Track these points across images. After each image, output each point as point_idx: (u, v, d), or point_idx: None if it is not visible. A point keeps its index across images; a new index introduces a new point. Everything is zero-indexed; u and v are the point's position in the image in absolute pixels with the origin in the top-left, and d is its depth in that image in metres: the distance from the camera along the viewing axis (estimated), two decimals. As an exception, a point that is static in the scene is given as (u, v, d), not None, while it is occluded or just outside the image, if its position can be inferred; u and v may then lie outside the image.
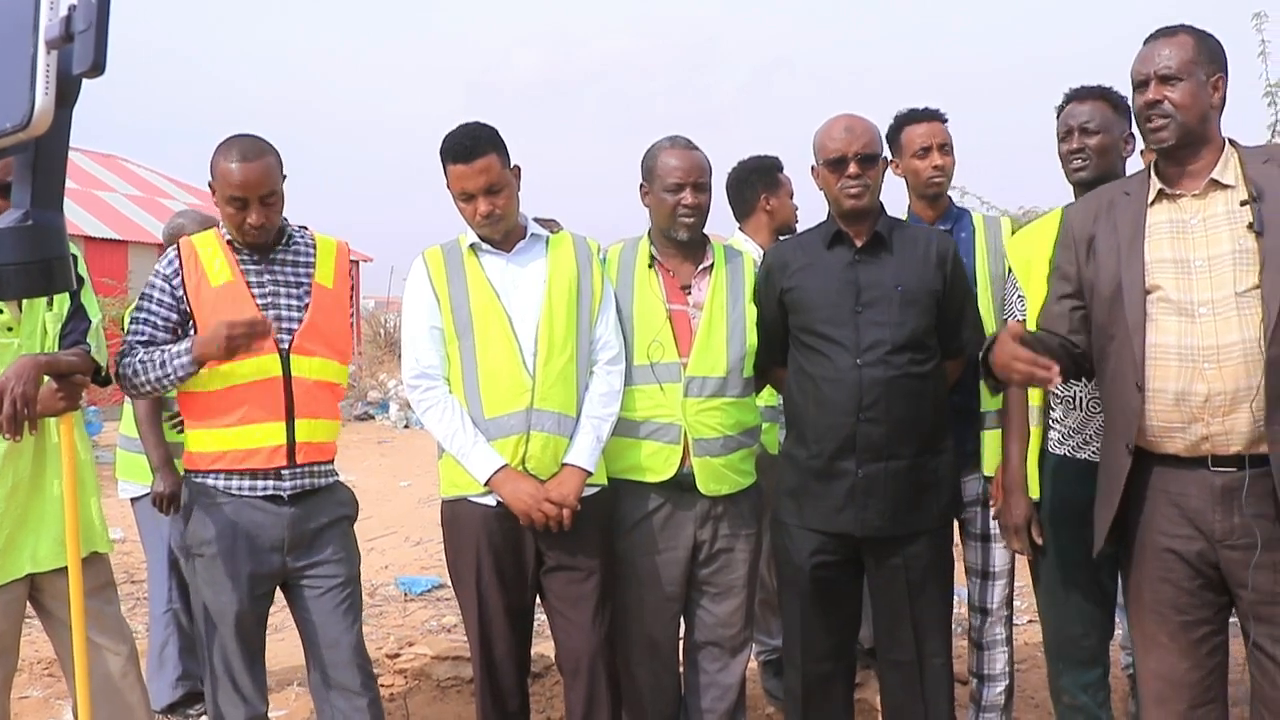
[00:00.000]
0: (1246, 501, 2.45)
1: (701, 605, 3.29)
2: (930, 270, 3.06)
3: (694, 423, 3.11)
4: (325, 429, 3.08)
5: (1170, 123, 2.50)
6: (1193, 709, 2.62)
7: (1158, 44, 2.55)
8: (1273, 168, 2.48)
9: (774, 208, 4.19)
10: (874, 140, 3.09)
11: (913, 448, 3.00)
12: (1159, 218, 2.57)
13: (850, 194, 3.04)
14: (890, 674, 3.20)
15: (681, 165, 3.16)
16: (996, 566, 3.43)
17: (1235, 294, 2.42)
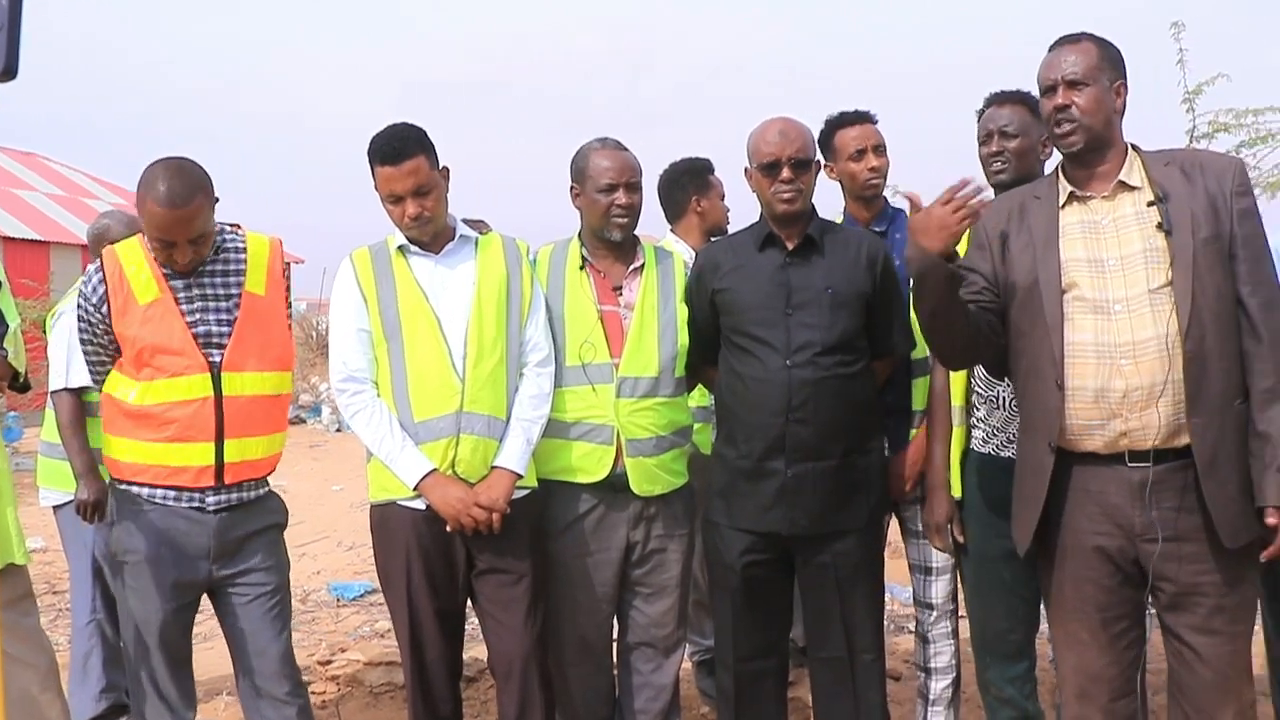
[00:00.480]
0: (1163, 495, 2.51)
1: (634, 606, 3.29)
2: (861, 273, 3.08)
3: (626, 423, 3.11)
4: (262, 445, 3.00)
5: (1078, 127, 2.56)
6: (1113, 702, 2.68)
7: (1063, 50, 2.61)
8: (1174, 170, 2.56)
9: (705, 209, 4.20)
10: (807, 145, 3.11)
11: (841, 448, 3.02)
12: (1071, 219, 2.62)
13: (783, 198, 3.06)
14: (821, 672, 3.22)
15: (614, 166, 3.16)
16: (937, 563, 3.46)
17: (1148, 291, 2.49)
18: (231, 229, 3.07)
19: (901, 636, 5.04)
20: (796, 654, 3.98)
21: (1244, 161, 2.66)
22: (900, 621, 5.25)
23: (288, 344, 3.11)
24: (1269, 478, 2.44)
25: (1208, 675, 2.56)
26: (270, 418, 3.03)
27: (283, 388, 3.08)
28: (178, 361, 2.87)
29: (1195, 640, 2.56)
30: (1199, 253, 2.46)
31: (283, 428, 3.11)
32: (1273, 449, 2.44)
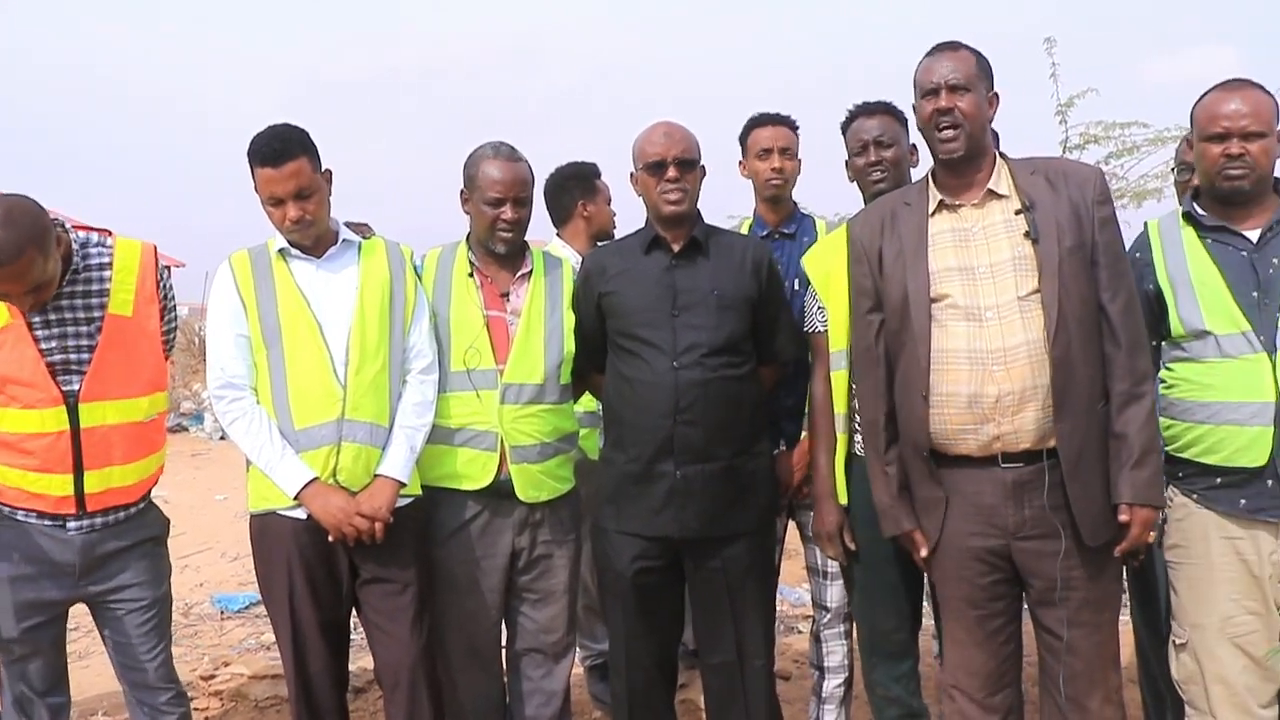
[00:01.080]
0: (1034, 495, 2.59)
1: (522, 612, 3.27)
2: (746, 276, 3.11)
3: (511, 429, 3.09)
4: (131, 472, 2.90)
5: (961, 132, 2.62)
6: (991, 695, 2.77)
7: (943, 56, 2.67)
8: (1039, 178, 2.64)
9: (592, 214, 4.19)
10: (692, 146, 3.13)
11: (730, 449, 3.05)
12: (941, 227, 2.69)
13: (669, 198, 3.07)
14: (712, 676, 3.24)
15: (503, 179, 3.12)
16: (832, 567, 3.49)
17: (1018, 298, 2.57)
18: (100, 235, 2.93)
19: (792, 637, 5.10)
20: (687, 656, 4.01)
21: (1102, 171, 2.77)
22: (790, 622, 5.32)
23: (159, 364, 2.98)
24: (1124, 476, 2.55)
25: (1078, 665, 2.66)
26: (140, 443, 2.92)
27: (155, 409, 2.97)
28: (29, 393, 2.74)
29: (1064, 632, 2.65)
30: (1064, 260, 2.55)
31: (158, 448, 3.01)
32: (1128, 449, 2.55)
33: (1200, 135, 2.75)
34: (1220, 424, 2.65)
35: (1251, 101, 2.70)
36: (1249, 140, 2.68)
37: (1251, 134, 2.68)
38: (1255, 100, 2.71)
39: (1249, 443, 2.62)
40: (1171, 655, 2.86)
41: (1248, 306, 2.65)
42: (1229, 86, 2.76)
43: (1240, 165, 2.69)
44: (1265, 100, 2.73)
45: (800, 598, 5.59)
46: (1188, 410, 2.71)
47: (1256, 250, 2.71)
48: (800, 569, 3.72)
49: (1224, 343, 2.66)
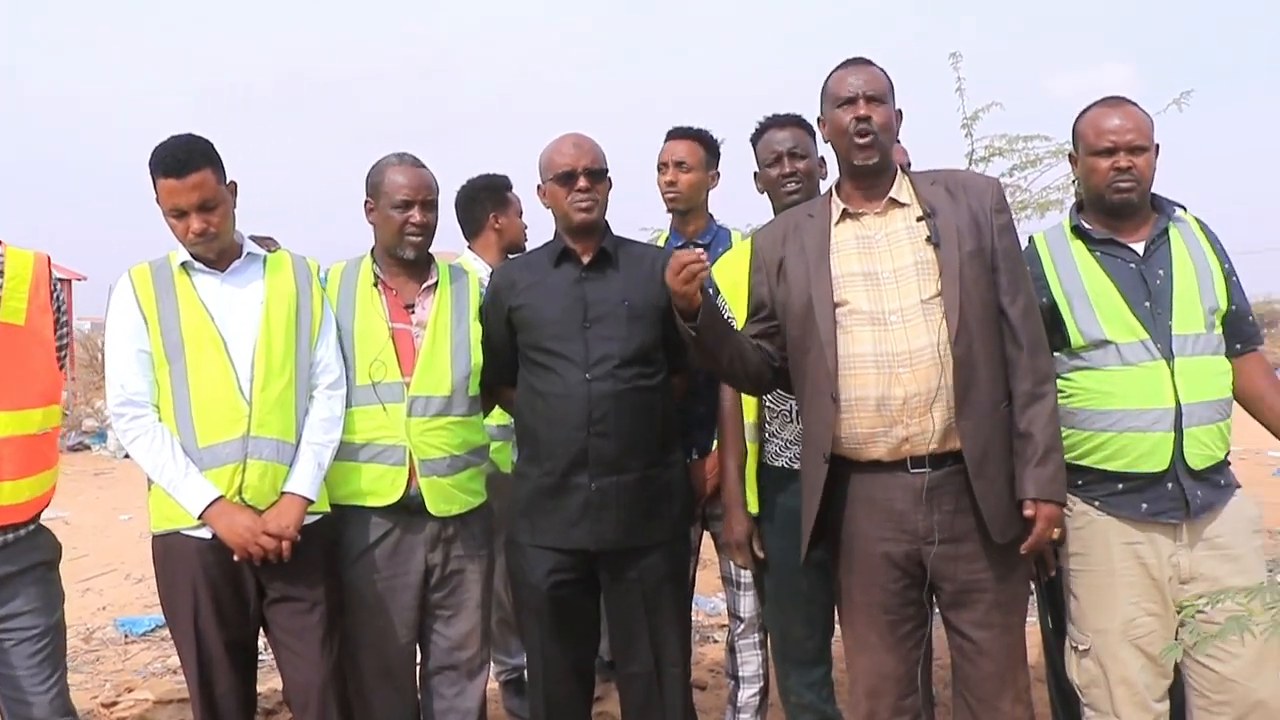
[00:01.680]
0: (942, 499, 2.64)
1: (435, 629, 3.23)
2: (656, 287, 3.11)
3: (419, 443, 3.05)
4: (21, 489, 2.78)
5: (876, 140, 2.68)
6: (901, 699, 2.80)
7: (858, 68, 2.73)
8: (939, 188, 2.71)
9: (503, 226, 4.18)
10: (601, 157, 3.14)
11: (644, 460, 3.05)
12: (845, 235, 2.74)
13: (580, 207, 3.07)
14: (628, 687, 3.24)
15: (409, 183, 3.11)
16: (746, 577, 3.51)
17: (921, 301, 2.62)
18: None
19: (708, 646, 5.12)
20: (604, 668, 4.00)
21: (999, 181, 2.85)
22: (706, 631, 5.34)
23: (54, 377, 2.89)
24: (1028, 473, 2.60)
25: (989, 667, 2.71)
26: (31, 458, 2.81)
27: (49, 422, 2.87)
28: None
29: (975, 634, 2.70)
30: (965, 265, 2.61)
31: (51, 465, 2.90)
32: (1032, 446, 2.60)
33: (1088, 150, 2.84)
34: (1123, 431, 2.72)
35: (1134, 118, 2.81)
36: (1135, 154, 2.78)
37: (1136, 148, 2.78)
38: (1136, 116, 2.82)
39: (1151, 448, 2.70)
40: (1071, 660, 2.91)
41: (1143, 316, 2.74)
42: (1110, 103, 2.86)
43: (1129, 178, 2.78)
44: (1144, 117, 2.84)
45: (716, 607, 5.61)
46: (1089, 419, 2.78)
47: (1144, 262, 2.80)
48: (716, 579, 3.74)
49: (1125, 351, 2.73)
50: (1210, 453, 2.73)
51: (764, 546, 3.17)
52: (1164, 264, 2.80)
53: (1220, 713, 2.74)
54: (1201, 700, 2.77)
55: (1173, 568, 2.74)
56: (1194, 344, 2.74)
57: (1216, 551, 2.75)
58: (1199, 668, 2.74)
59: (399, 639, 3.17)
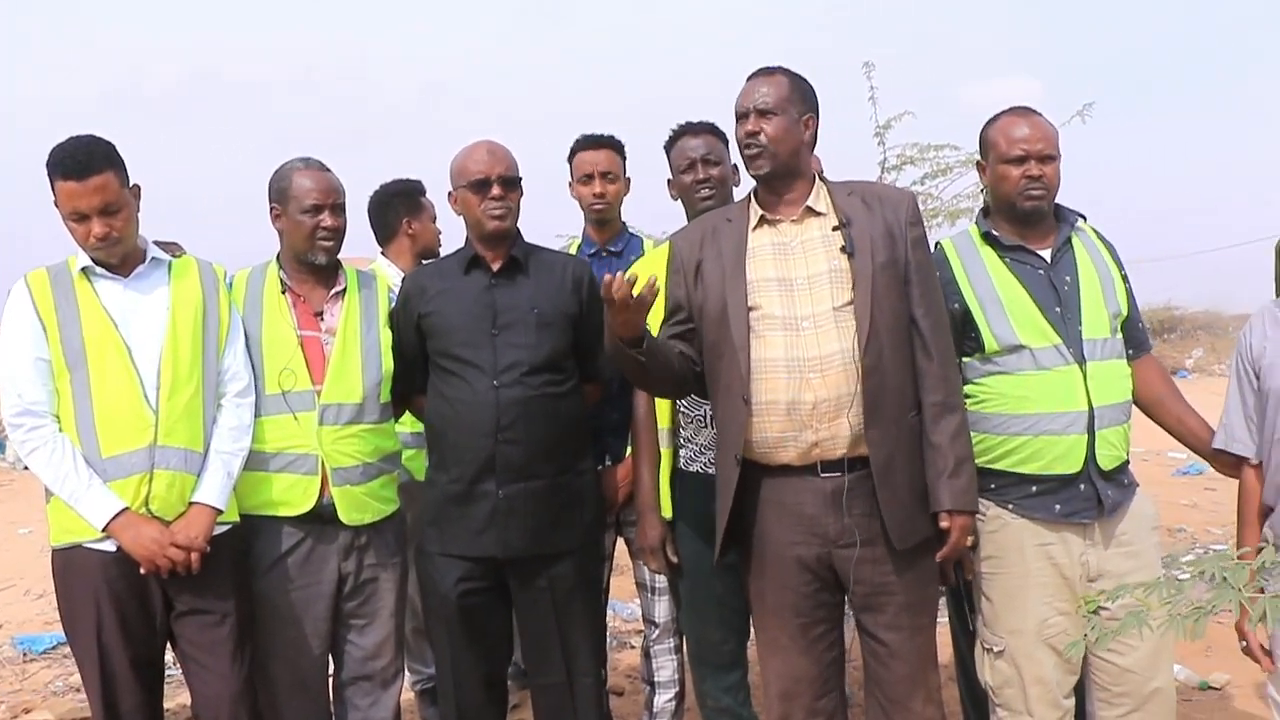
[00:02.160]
0: (854, 502, 2.67)
1: (349, 639, 3.18)
2: (566, 294, 3.13)
3: (331, 451, 3.01)
4: None
5: (764, 152, 2.71)
6: (816, 700, 2.83)
7: (758, 81, 2.77)
8: (855, 199, 2.75)
9: (417, 231, 4.14)
10: (514, 164, 3.14)
11: (553, 467, 3.05)
12: (762, 241, 2.76)
13: (493, 214, 3.07)
14: (542, 696, 3.24)
15: (318, 186, 3.07)
16: (660, 582, 3.52)
17: (833, 308, 2.65)
18: None
19: (625, 652, 5.12)
20: (519, 675, 3.97)
21: (915, 194, 2.91)
22: (623, 637, 5.34)
23: None
24: (942, 485, 2.65)
25: (900, 668, 2.75)
26: None
27: None
28: None
29: (886, 636, 2.74)
30: (878, 275, 2.65)
31: None
32: (943, 458, 2.65)
33: (1000, 159, 2.89)
34: (1038, 434, 2.77)
35: (1042, 128, 2.88)
36: (1044, 163, 2.84)
37: (1046, 156, 2.84)
38: (1044, 127, 2.89)
39: (1065, 451, 2.76)
40: (983, 661, 2.95)
41: (1054, 321, 2.80)
42: (1019, 113, 2.92)
43: (1040, 186, 2.84)
44: (1050, 127, 2.91)
45: (633, 613, 5.61)
46: (1003, 423, 2.82)
47: (1052, 268, 2.86)
48: (633, 584, 3.74)
49: (1039, 356, 2.79)
50: (1118, 454, 2.82)
51: (678, 551, 3.18)
52: (1070, 270, 2.87)
53: (1120, 703, 2.83)
54: (1103, 693, 2.86)
55: (1082, 566, 2.81)
56: (1102, 348, 2.81)
57: (1121, 549, 2.83)
58: (1100, 661, 2.82)
59: (312, 649, 3.12)
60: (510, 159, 3.13)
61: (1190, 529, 7.38)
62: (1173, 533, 7.09)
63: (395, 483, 3.25)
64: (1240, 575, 1.56)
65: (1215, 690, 4.43)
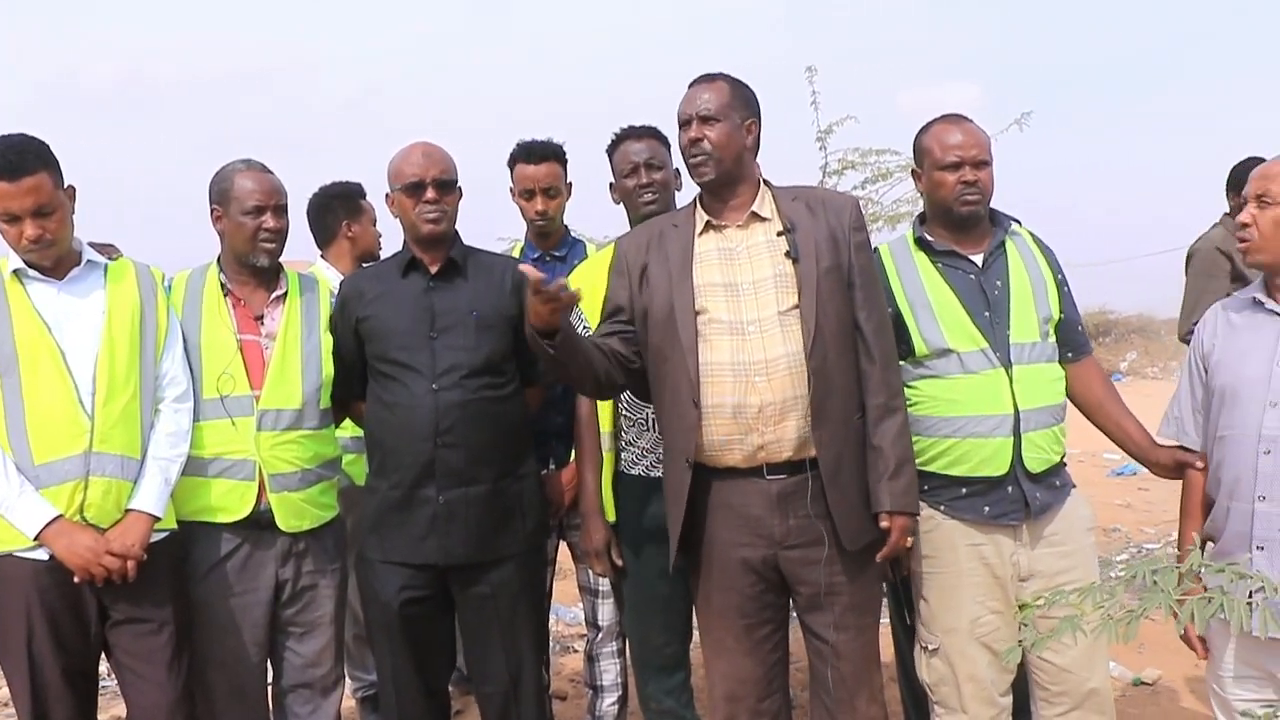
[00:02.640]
0: (798, 504, 2.70)
1: (288, 647, 3.15)
2: (505, 297, 3.12)
3: (269, 457, 2.98)
4: None
5: (709, 160, 2.73)
6: (760, 701, 2.86)
7: (699, 88, 2.78)
8: (800, 204, 2.78)
9: (356, 234, 4.11)
10: (450, 167, 3.12)
11: (494, 471, 3.04)
12: (708, 246, 2.78)
13: (428, 218, 3.05)
14: (486, 703, 3.23)
15: (260, 188, 3.04)
16: (604, 585, 3.53)
17: (779, 313, 2.68)
18: None
19: (568, 656, 5.12)
20: (464, 681, 3.96)
21: (858, 200, 2.94)
22: (566, 641, 5.33)
23: None
24: (883, 486, 2.68)
25: (845, 668, 2.79)
26: None
27: None
28: None
29: (831, 636, 2.78)
30: (822, 279, 2.68)
31: None
32: (884, 460, 2.69)
33: (935, 165, 2.93)
34: (966, 437, 2.82)
35: (974, 134, 2.93)
36: (979, 168, 2.89)
37: (980, 162, 2.90)
38: (976, 133, 2.94)
39: (992, 453, 2.80)
40: (921, 660, 3.00)
41: (983, 325, 2.85)
42: (952, 120, 2.97)
43: (975, 191, 2.89)
44: (982, 133, 2.97)
45: (576, 617, 5.60)
46: (933, 426, 2.86)
47: (983, 273, 2.91)
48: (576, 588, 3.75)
49: (966, 360, 2.83)
50: (1047, 456, 2.86)
51: (622, 554, 3.19)
52: (1001, 275, 2.92)
53: (1059, 702, 2.89)
54: (1043, 692, 2.92)
55: (1013, 566, 2.86)
56: (1030, 352, 2.86)
57: (1054, 549, 2.88)
58: (1039, 661, 2.87)
59: (250, 657, 3.08)
60: (447, 161, 3.11)
61: (1125, 529, 7.51)
62: (1108, 532, 7.22)
63: (335, 489, 3.22)
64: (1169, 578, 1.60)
65: (1148, 686, 4.53)
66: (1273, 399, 2.47)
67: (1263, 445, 2.47)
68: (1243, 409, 2.53)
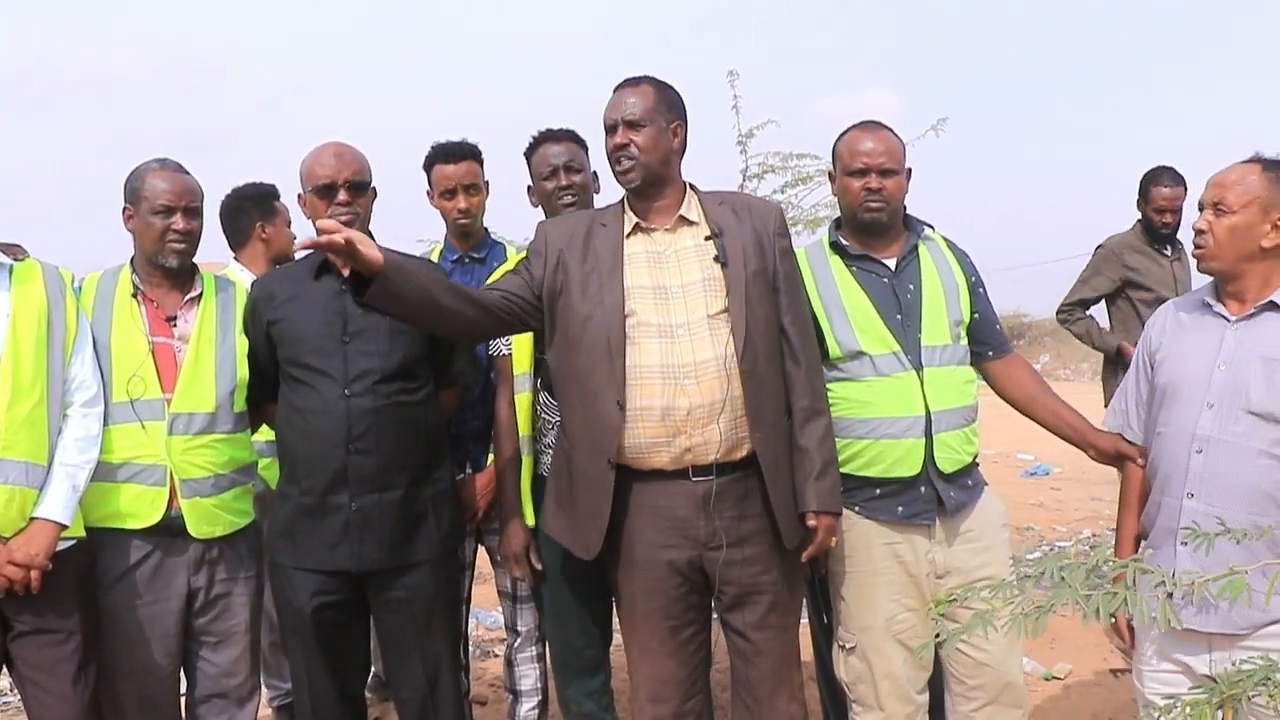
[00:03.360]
0: (725, 505, 2.73)
1: (202, 656, 3.09)
2: None
3: (180, 462, 2.92)
4: None
5: (635, 164, 2.74)
6: (684, 703, 2.88)
7: (624, 92, 2.79)
8: (726, 209, 2.81)
9: (270, 236, 4.05)
10: (364, 168, 3.08)
11: (407, 477, 3.01)
12: (636, 248, 2.79)
13: (340, 221, 3.00)
14: (404, 709, 3.20)
15: (172, 188, 2.98)
16: (523, 590, 3.52)
17: (708, 316, 2.70)
18: None
19: (489, 661, 5.09)
20: (383, 688, 3.92)
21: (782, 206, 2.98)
22: (487, 646, 5.31)
23: None
24: (809, 487, 2.73)
25: (765, 666, 2.83)
26: None
27: None
28: None
29: (754, 635, 2.82)
30: (750, 283, 2.71)
31: None
32: (810, 460, 2.73)
33: (844, 170, 2.99)
34: (879, 439, 2.87)
35: (886, 142, 2.97)
36: (885, 176, 2.94)
37: (887, 170, 2.94)
38: (889, 141, 2.98)
39: (905, 454, 2.85)
40: (839, 658, 3.04)
41: (895, 328, 2.90)
42: (865, 127, 3.02)
43: (879, 199, 2.93)
44: (896, 141, 3.01)
45: (496, 621, 5.57)
46: (848, 427, 2.90)
47: (895, 277, 2.96)
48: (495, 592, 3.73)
49: (879, 362, 2.88)
50: (958, 457, 2.92)
51: (542, 558, 3.18)
52: (914, 279, 2.97)
53: (975, 697, 2.95)
54: (959, 686, 2.98)
55: (930, 564, 2.92)
56: (941, 354, 2.92)
57: (969, 545, 2.94)
58: (956, 655, 2.93)
59: (161, 668, 3.01)
60: (359, 162, 3.07)
61: (1038, 527, 7.68)
62: (1021, 531, 7.38)
63: (250, 494, 3.16)
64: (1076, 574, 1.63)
65: (1059, 680, 4.64)
66: (1210, 400, 2.53)
67: (1195, 444, 2.53)
68: (1181, 407, 2.59)
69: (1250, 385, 2.48)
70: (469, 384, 3.29)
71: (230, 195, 4.07)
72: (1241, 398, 2.49)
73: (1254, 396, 2.47)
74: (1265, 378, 2.48)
